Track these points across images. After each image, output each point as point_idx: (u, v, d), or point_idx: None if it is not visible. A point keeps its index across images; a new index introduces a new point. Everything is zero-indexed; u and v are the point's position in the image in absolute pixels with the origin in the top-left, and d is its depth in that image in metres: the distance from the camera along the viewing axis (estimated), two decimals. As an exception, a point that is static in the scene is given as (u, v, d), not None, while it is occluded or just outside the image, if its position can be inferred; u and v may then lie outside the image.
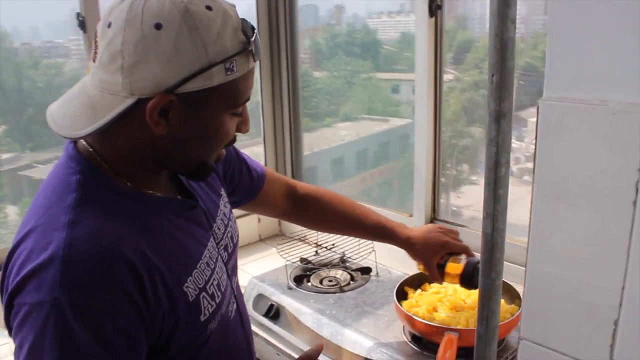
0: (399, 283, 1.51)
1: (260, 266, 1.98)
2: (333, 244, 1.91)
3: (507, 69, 0.82)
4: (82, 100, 0.81)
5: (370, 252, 1.79)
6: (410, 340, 1.42)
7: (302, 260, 1.86)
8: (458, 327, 1.31)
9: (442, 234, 1.37)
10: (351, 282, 1.74)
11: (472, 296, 1.46)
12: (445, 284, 1.54)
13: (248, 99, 0.87)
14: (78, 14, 1.76)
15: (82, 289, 0.74)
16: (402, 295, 1.50)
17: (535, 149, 0.76)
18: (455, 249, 1.33)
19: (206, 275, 0.93)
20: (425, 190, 1.85)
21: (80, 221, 0.78)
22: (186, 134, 0.83)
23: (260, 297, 1.71)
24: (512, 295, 1.46)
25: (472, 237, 1.75)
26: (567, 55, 0.70)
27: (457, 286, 1.51)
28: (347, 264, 1.83)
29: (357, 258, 1.81)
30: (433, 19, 1.71)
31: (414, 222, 1.89)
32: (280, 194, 1.35)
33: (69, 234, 0.76)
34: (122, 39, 0.75)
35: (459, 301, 1.45)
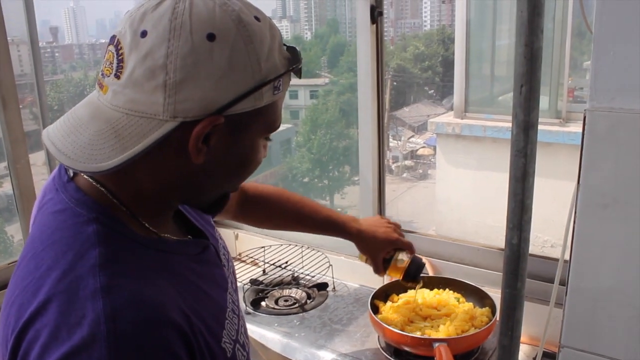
0: (370, 297, 1.48)
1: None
2: (287, 262, 1.83)
3: (536, 79, 0.81)
4: (100, 126, 0.66)
5: (327, 268, 1.74)
6: (391, 354, 1.39)
7: (253, 281, 1.76)
8: (445, 337, 1.30)
9: (391, 230, 1.37)
10: (309, 301, 1.68)
11: (442, 303, 1.47)
12: (411, 292, 1.54)
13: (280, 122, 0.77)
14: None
15: None
16: (372, 309, 1.47)
17: (581, 158, 0.76)
18: (402, 246, 1.35)
19: (235, 324, 0.82)
20: (372, 199, 1.82)
21: (115, 285, 0.63)
22: (224, 162, 0.72)
23: (217, 327, 1.59)
24: (481, 297, 1.49)
25: (420, 242, 1.77)
26: (613, 65, 0.70)
27: (425, 294, 1.51)
28: (301, 282, 1.76)
29: (314, 275, 1.74)
30: (374, 25, 1.69)
31: (361, 231, 1.86)
32: (232, 198, 1.26)
33: (107, 304, 0.61)
34: (166, 50, 0.63)
35: (432, 310, 1.45)
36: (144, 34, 0.64)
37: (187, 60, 0.63)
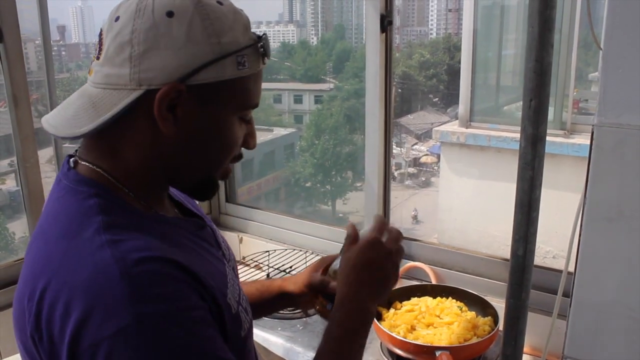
0: (373, 303, 1.48)
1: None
2: (291, 266, 1.84)
3: (545, 93, 0.83)
4: (82, 101, 0.75)
5: (331, 273, 1.75)
6: (393, 361, 1.40)
7: (257, 285, 1.77)
8: (447, 345, 1.31)
9: None
10: (312, 305, 1.69)
11: (445, 311, 1.48)
12: (415, 299, 1.55)
13: (257, 105, 0.82)
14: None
15: (159, 295, 0.66)
16: (376, 316, 1.47)
17: (588, 172, 0.77)
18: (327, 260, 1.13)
19: (237, 290, 0.86)
20: (377, 206, 1.84)
21: (119, 240, 0.69)
22: (194, 134, 0.77)
23: (221, 329, 1.60)
24: (483, 306, 1.50)
25: (423, 250, 1.79)
26: (621, 81, 0.72)
27: (428, 302, 1.52)
28: (304, 286, 1.77)
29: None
30: (384, 34, 1.70)
31: (365, 238, 1.87)
32: None
33: (115, 251, 0.67)
34: (132, 28, 0.71)
35: (434, 318, 1.46)
36: (117, 19, 0.73)
37: (148, 34, 0.71)
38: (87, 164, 0.78)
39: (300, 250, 1.90)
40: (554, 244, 3.31)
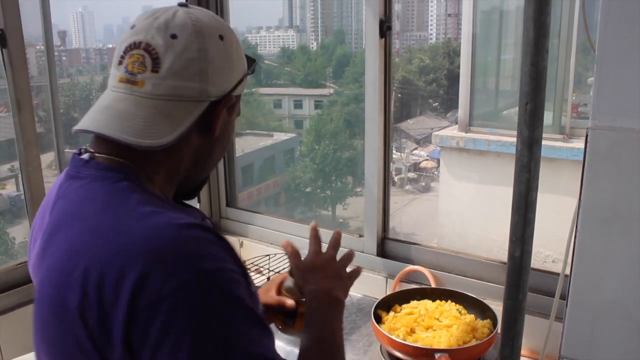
0: (373, 307, 1.50)
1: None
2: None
3: (541, 97, 0.84)
4: (148, 112, 0.78)
5: (331, 276, 1.76)
6: (392, 364, 1.41)
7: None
8: (446, 348, 1.32)
9: None
10: (312, 308, 1.70)
11: (444, 314, 1.49)
12: (414, 303, 1.56)
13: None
14: (-4, 29, 1.56)
15: (212, 254, 0.72)
16: (375, 319, 1.49)
17: (583, 175, 0.78)
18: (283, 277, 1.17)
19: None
20: (377, 211, 1.85)
21: (161, 211, 0.75)
22: (221, 138, 0.89)
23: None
24: (482, 309, 1.51)
25: (423, 253, 1.80)
26: (615, 86, 0.73)
27: (428, 305, 1.53)
28: (305, 289, 1.78)
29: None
30: (383, 39, 1.72)
31: (365, 243, 1.88)
32: None
33: (163, 217, 0.73)
34: (197, 46, 0.80)
35: (434, 320, 1.47)
36: (174, 36, 0.80)
37: (212, 52, 0.81)
38: (106, 156, 0.82)
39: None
40: (553, 248, 3.31)
